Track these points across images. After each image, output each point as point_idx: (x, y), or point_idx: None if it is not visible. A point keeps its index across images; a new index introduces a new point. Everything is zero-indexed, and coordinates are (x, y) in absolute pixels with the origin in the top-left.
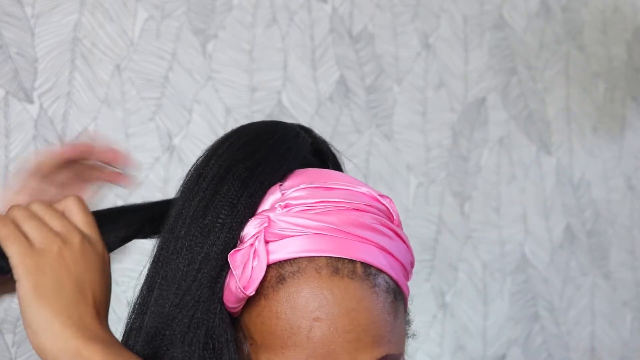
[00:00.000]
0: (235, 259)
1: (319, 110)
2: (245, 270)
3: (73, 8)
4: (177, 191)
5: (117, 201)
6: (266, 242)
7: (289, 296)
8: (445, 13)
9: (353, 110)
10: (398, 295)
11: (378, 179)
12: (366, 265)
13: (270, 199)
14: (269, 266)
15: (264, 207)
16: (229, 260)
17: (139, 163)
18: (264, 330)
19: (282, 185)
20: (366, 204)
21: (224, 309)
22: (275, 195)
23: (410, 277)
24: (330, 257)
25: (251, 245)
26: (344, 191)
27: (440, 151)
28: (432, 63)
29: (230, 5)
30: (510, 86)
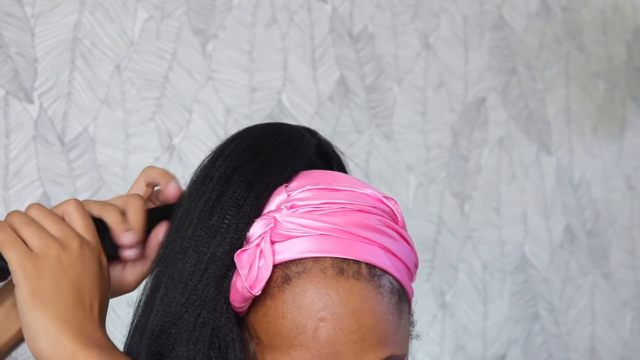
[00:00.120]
0: (242, 259)
1: (319, 110)
2: (252, 270)
3: (73, 8)
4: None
5: None
6: (272, 243)
7: (294, 296)
8: (445, 13)
9: (353, 110)
10: (402, 296)
11: (378, 179)
12: (371, 266)
13: (276, 200)
14: (274, 266)
15: (270, 208)
16: (235, 260)
17: (139, 163)
18: (269, 329)
19: (288, 187)
20: (371, 205)
21: (230, 308)
22: (281, 197)
23: (414, 279)
24: (335, 258)
25: (257, 245)
26: (349, 193)
27: (440, 151)
28: (432, 63)
29: (230, 5)
30: (510, 86)
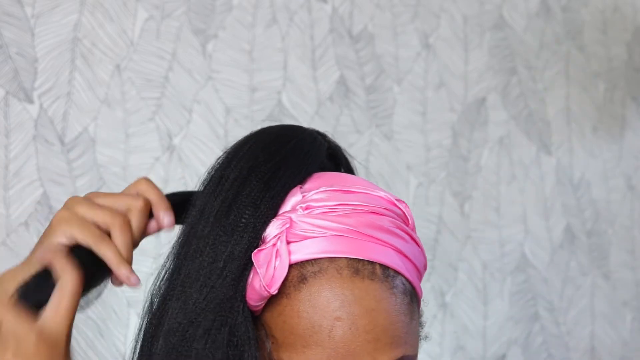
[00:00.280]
0: (259, 258)
1: (319, 110)
2: (268, 269)
3: (73, 8)
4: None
5: None
6: (288, 243)
7: (310, 295)
8: (445, 13)
9: (353, 110)
10: (414, 297)
11: (378, 179)
12: (385, 267)
13: (291, 201)
14: (290, 266)
15: (285, 209)
16: (252, 259)
17: (139, 163)
18: (285, 329)
19: (303, 188)
20: (384, 207)
21: (247, 307)
22: (296, 197)
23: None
24: (350, 259)
25: (273, 245)
26: (363, 194)
27: (440, 151)
28: (432, 63)
29: (230, 5)
30: (510, 86)
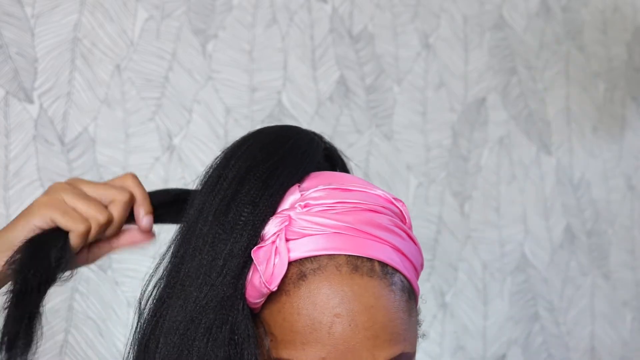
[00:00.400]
0: (259, 255)
1: (319, 110)
2: (268, 266)
3: (73, 8)
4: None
5: None
6: (287, 240)
7: (310, 292)
8: (445, 13)
9: (353, 110)
10: (412, 294)
11: (378, 179)
12: (383, 265)
13: (289, 199)
14: (290, 263)
15: (284, 207)
16: (252, 256)
17: (139, 163)
18: (284, 326)
19: (301, 186)
20: (382, 205)
21: (246, 305)
22: (294, 196)
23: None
24: (349, 256)
25: (273, 242)
26: (361, 193)
27: (440, 151)
28: (432, 63)
29: (230, 5)
30: (510, 86)
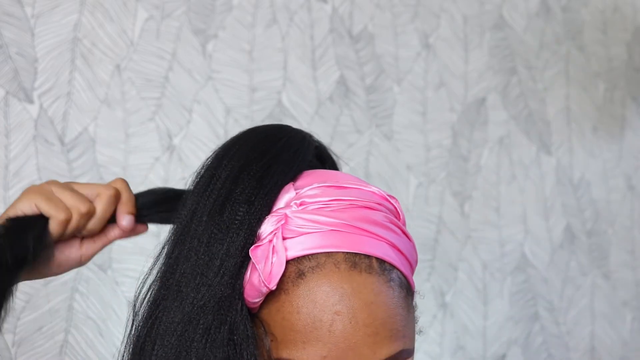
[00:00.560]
0: (256, 254)
1: (319, 110)
2: (266, 265)
3: (73, 8)
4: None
5: None
6: (284, 239)
7: (309, 290)
8: (445, 13)
9: (353, 110)
10: (409, 290)
11: (378, 179)
12: (381, 261)
13: (284, 198)
14: (288, 262)
15: (279, 206)
16: (250, 255)
17: (139, 163)
18: (284, 325)
19: (295, 185)
20: (376, 202)
21: (245, 305)
22: (289, 194)
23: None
24: (347, 253)
25: (270, 241)
26: (356, 190)
27: (440, 151)
28: (432, 63)
29: (230, 5)
30: (510, 86)
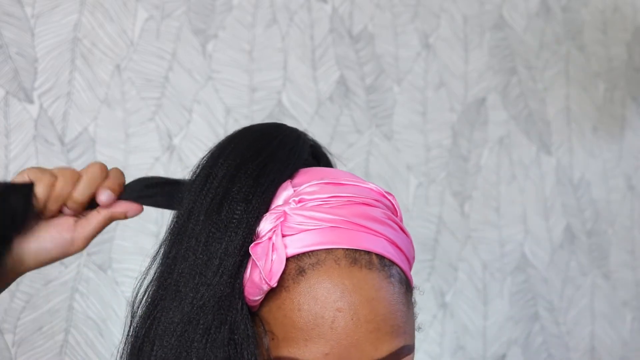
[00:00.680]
0: (257, 251)
1: (319, 110)
2: (266, 263)
3: (73, 8)
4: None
5: None
6: (283, 236)
7: (310, 287)
8: (445, 13)
9: (353, 110)
10: (408, 286)
11: (378, 179)
12: (381, 257)
13: (282, 195)
14: (288, 259)
15: (277, 203)
16: (251, 253)
17: (139, 163)
18: (285, 323)
19: (293, 182)
20: (374, 198)
21: (245, 304)
22: (287, 192)
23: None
24: (347, 249)
25: (269, 239)
26: (354, 187)
27: (440, 151)
28: (432, 63)
29: (230, 5)
30: (510, 86)
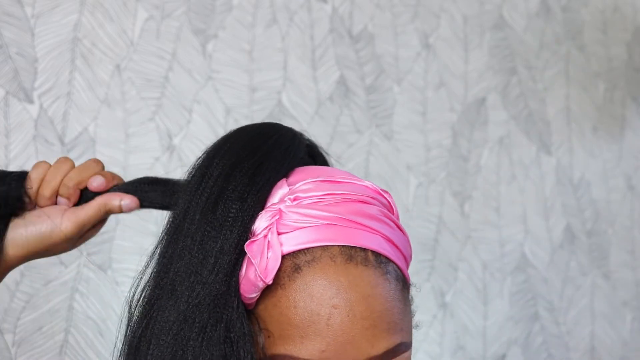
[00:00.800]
0: (252, 249)
1: (319, 110)
2: (262, 260)
3: (73, 8)
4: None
5: None
6: (279, 234)
7: (305, 284)
8: (445, 13)
9: (353, 110)
10: (405, 284)
11: (378, 179)
12: (376, 254)
13: (278, 193)
14: (283, 257)
15: (273, 201)
16: (246, 250)
17: (139, 163)
18: (281, 320)
19: (288, 180)
20: (370, 196)
21: (241, 302)
22: (283, 190)
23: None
24: (343, 246)
25: (265, 237)
26: (349, 184)
27: (440, 151)
28: (432, 63)
29: (230, 5)
30: (510, 86)
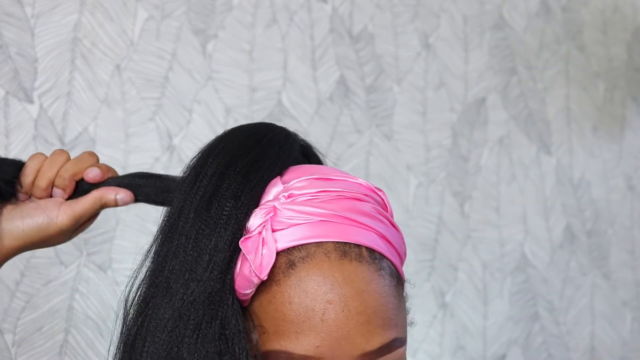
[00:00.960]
0: (247, 245)
1: (319, 110)
2: (256, 257)
3: (73, 8)
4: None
5: None
6: (273, 231)
7: (300, 280)
8: (445, 13)
9: (353, 110)
10: (399, 280)
11: (378, 179)
12: (371, 250)
13: (272, 191)
14: (278, 253)
15: (267, 199)
16: (241, 247)
17: (139, 163)
18: (276, 316)
19: (283, 178)
20: (364, 193)
21: (235, 298)
22: (277, 187)
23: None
24: (337, 242)
25: (259, 233)
26: (343, 182)
27: (440, 151)
28: (432, 63)
29: (230, 5)
30: (510, 86)
